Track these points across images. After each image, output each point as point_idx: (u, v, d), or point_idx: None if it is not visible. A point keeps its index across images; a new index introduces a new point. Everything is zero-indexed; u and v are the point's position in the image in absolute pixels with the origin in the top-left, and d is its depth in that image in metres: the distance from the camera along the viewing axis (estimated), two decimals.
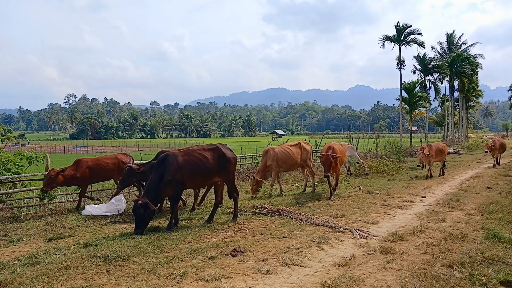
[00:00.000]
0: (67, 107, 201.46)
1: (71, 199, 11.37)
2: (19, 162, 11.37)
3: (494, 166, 19.70)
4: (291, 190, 13.40)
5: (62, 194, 11.33)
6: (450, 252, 6.09)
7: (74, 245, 6.96)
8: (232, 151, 8.91)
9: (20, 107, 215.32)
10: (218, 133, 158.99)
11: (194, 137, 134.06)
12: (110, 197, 10.92)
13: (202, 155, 8.24)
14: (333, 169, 11.15)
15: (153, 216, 8.04)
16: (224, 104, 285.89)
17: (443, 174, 16.68)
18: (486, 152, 20.33)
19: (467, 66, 44.18)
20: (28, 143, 76.58)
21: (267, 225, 8.03)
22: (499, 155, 20.58)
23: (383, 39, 37.79)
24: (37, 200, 10.43)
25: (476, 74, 48.33)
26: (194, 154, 8.25)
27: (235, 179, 9.04)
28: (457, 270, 5.28)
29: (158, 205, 8.64)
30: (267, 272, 5.31)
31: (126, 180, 9.38)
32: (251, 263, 5.70)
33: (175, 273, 5.25)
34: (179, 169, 7.91)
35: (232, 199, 8.85)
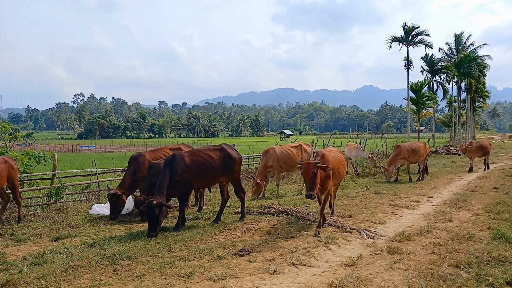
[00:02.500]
0: (75, 107, 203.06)
1: (78, 199, 11.46)
2: (26, 161, 11.48)
3: (470, 170, 17.79)
4: (298, 190, 13.38)
5: (70, 194, 11.42)
6: (457, 252, 6.06)
7: (81, 244, 7.02)
8: (237, 151, 8.95)
9: (28, 106, 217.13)
10: (226, 133, 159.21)
11: (202, 137, 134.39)
12: None
13: (208, 155, 8.30)
14: (321, 186, 7.31)
15: (166, 216, 8.04)
16: (232, 104, 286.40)
17: (422, 179, 15.28)
18: (459, 154, 18.28)
19: (475, 67, 43.83)
20: (34, 142, 76.34)
21: (274, 225, 8.04)
22: (485, 157, 18.66)
23: (390, 39, 37.67)
24: (44, 200, 10.53)
25: (484, 75, 47.95)
26: (200, 154, 8.31)
27: (241, 179, 9.07)
28: (463, 270, 5.25)
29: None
30: (275, 272, 5.32)
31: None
32: (259, 263, 5.71)
33: (182, 273, 5.27)
34: (187, 169, 7.95)
35: (239, 199, 8.87)
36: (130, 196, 10.20)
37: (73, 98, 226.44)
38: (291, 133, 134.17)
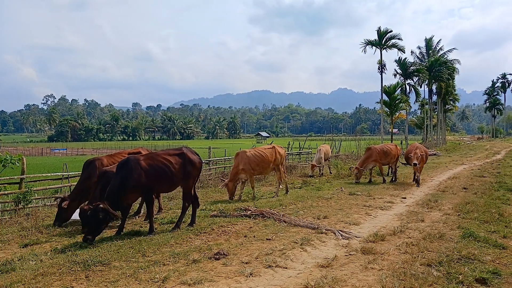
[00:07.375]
0: (45, 108, 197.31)
1: (48, 203, 11.10)
2: None
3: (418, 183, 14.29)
4: (274, 192, 13.42)
5: (39, 198, 11.05)
6: (429, 251, 6.21)
7: (51, 250, 6.77)
8: (198, 155, 8.60)
9: None
10: (202, 135, 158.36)
11: (177, 139, 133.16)
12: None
13: (167, 160, 7.98)
14: None
15: (109, 223, 7.71)
16: (208, 106, 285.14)
17: (395, 180, 15.37)
18: (405, 163, 15.38)
19: (445, 70, 45.28)
20: None
21: (250, 227, 8.02)
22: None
23: (365, 43, 38.44)
24: (12, 205, 10.13)
25: (453, 78, 49.61)
26: (158, 158, 7.97)
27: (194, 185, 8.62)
28: (435, 269, 5.38)
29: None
30: (251, 274, 5.30)
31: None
32: (235, 266, 5.68)
33: (157, 278, 5.18)
34: (144, 174, 7.62)
35: (181, 206, 8.54)
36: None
37: (43, 100, 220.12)
38: (268, 135, 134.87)
